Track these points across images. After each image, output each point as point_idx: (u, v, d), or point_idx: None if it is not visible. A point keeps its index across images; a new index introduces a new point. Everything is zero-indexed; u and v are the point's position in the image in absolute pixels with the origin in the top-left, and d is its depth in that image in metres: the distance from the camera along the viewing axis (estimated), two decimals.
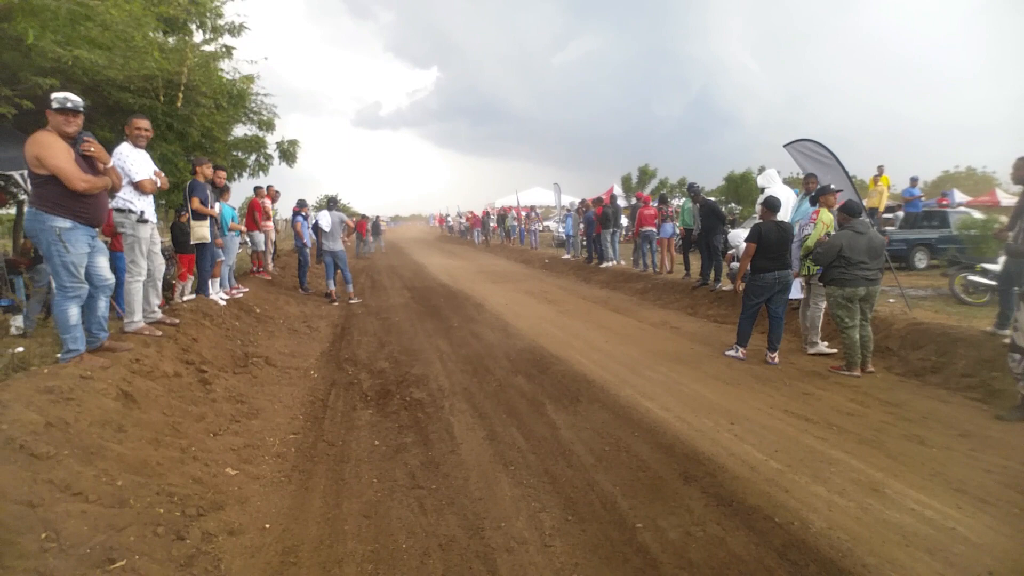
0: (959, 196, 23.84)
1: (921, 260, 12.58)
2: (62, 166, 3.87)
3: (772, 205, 6.22)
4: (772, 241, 6.07)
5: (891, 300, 7.99)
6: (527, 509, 3.26)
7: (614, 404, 4.93)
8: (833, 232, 6.05)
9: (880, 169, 13.67)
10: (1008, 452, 3.92)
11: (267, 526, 3.07)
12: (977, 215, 13.27)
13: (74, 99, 4.01)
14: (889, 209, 14.65)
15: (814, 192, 6.78)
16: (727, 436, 4.23)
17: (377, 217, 29.58)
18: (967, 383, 5.27)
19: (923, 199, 14.90)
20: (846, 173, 7.15)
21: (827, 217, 6.26)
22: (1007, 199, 23.03)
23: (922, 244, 12.69)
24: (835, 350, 6.26)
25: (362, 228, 24.82)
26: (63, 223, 3.96)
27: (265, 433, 4.26)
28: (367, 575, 2.69)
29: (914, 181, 14.66)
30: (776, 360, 6.14)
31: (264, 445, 4.06)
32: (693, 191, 10.73)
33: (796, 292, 6.55)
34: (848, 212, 5.72)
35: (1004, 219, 7.61)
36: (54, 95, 3.98)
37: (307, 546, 2.91)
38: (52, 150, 3.86)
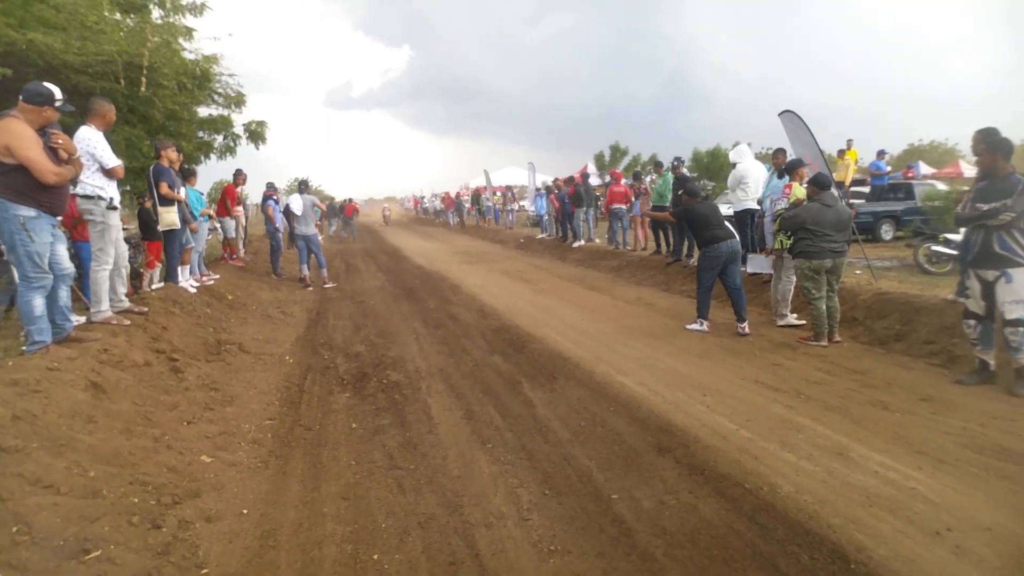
0: (924, 168, 24.35)
1: (887, 232, 12.87)
2: (34, 158, 3.76)
3: (822, 183, 5.97)
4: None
5: (858, 272, 8.18)
6: (504, 485, 3.31)
7: (589, 380, 5.00)
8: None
9: (849, 143, 13.90)
10: (966, 415, 4.08)
11: (245, 511, 3.07)
12: (941, 187, 13.59)
13: (58, 95, 3.99)
14: (856, 182, 14.91)
15: (784, 166, 6.88)
16: (700, 408, 4.32)
17: (349, 200, 27.10)
18: (929, 350, 5.45)
19: (890, 172, 15.18)
20: (818, 146, 7.26)
21: (800, 191, 6.36)
22: (970, 171, 23.60)
23: (888, 216, 12.97)
24: (804, 321, 6.41)
25: (349, 211, 24.49)
26: (27, 212, 3.85)
27: (240, 420, 4.24)
28: (347, 555, 2.71)
29: (881, 154, 14.93)
30: (747, 330, 6.28)
31: (240, 432, 4.04)
32: (677, 163, 10.71)
33: (766, 266, 6.67)
34: (817, 185, 5.82)
35: (966, 190, 7.82)
36: (57, 95, 3.94)
37: (286, 529, 2.92)
38: (24, 140, 3.75)
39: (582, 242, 14.38)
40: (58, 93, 4.02)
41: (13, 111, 3.89)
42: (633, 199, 12.59)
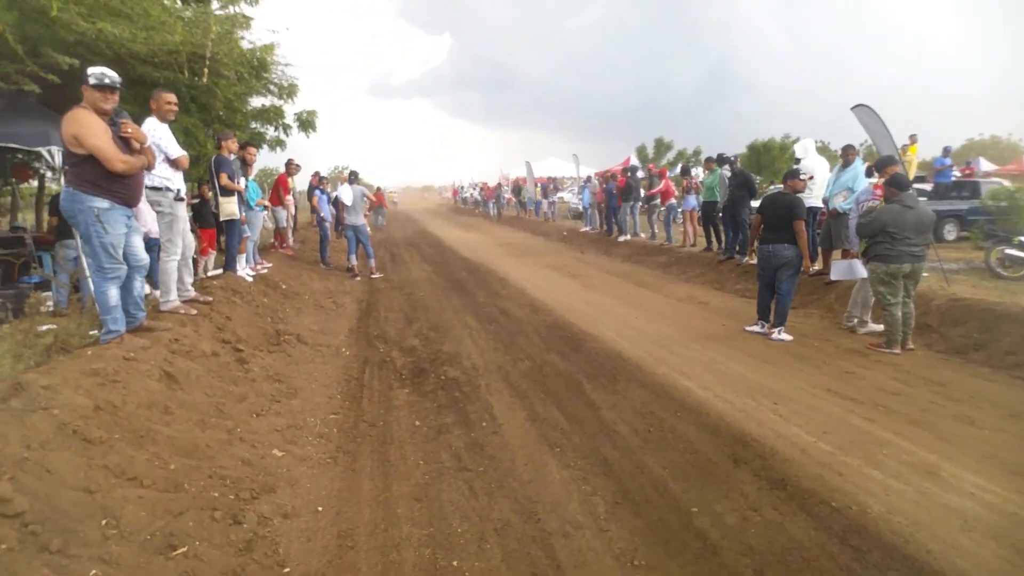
0: (985, 165, 23.24)
1: (950, 232, 12.33)
2: (101, 146, 3.80)
3: (901, 183, 5.63)
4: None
5: (926, 275, 7.80)
6: (578, 492, 3.23)
7: (652, 383, 4.88)
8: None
9: (912, 138, 13.32)
10: None
11: (320, 509, 3.07)
12: (1008, 185, 12.93)
13: (111, 75, 3.92)
14: (918, 179, 14.30)
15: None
16: (772, 417, 4.16)
17: (378, 189, 26.46)
18: (1012, 361, 5.15)
19: (954, 169, 14.51)
20: (892, 142, 6.92)
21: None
22: None
23: (952, 215, 12.42)
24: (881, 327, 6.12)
25: (380, 199, 24.63)
26: (101, 203, 3.90)
27: (306, 413, 4.26)
28: (426, 560, 2.68)
29: (946, 151, 14.28)
30: (781, 337, 6.07)
31: (306, 426, 4.06)
32: (724, 160, 10.49)
33: (850, 273, 6.32)
34: (896, 185, 5.53)
35: None
36: (91, 70, 3.89)
37: (362, 529, 2.90)
38: (91, 129, 3.78)
39: (628, 236, 14.15)
40: (93, 70, 3.93)
41: (83, 102, 3.94)
42: (684, 193, 12.35)
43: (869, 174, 6.53)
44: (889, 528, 2.84)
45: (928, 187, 13.95)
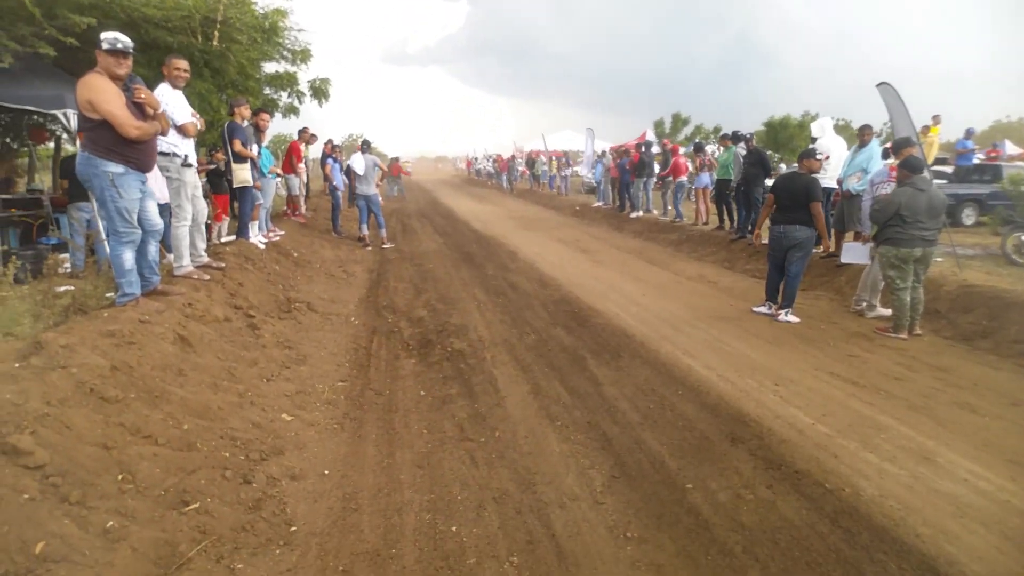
0: (1011, 148, 22.67)
1: (969, 216, 12.13)
2: (115, 112, 3.84)
3: (914, 166, 5.55)
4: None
5: (939, 259, 7.72)
6: (576, 465, 3.32)
7: (655, 360, 4.93)
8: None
9: (935, 119, 13.02)
10: None
11: (326, 472, 3.18)
12: None
13: (124, 40, 3.94)
14: (939, 161, 14.03)
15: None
16: (772, 398, 4.21)
17: (395, 159, 25.92)
18: (1019, 349, 5.13)
19: (976, 151, 14.20)
20: (911, 124, 6.78)
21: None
22: None
23: (971, 199, 12.21)
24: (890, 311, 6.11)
25: (395, 170, 24.55)
26: (116, 168, 3.96)
27: (314, 380, 4.37)
28: (426, 524, 2.78)
29: (969, 133, 13.95)
30: (788, 319, 6.08)
31: (315, 392, 4.17)
32: (739, 138, 10.37)
33: (863, 256, 6.28)
34: (909, 168, 5.45)
35: None
36: (104, 35, 3.91)
37: (366, 493, 3.01)
38: (105, 95, 3.82)
39: (640, 213, 14.07)
40: (106, 35, 3.95)
41: (97, 67, 3.96)
42: (697, 170, 12.23)
43: (886, 156, 6.42)
44: (880, 511, 2.90)
45: (949, 169, 13.69)
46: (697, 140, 19.03)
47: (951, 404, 4.15)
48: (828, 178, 7.65)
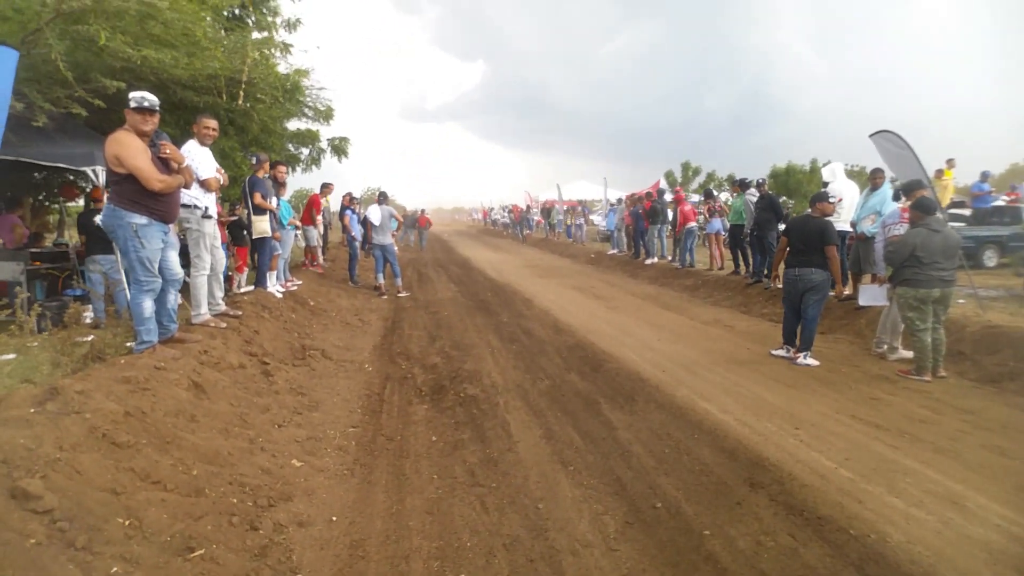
0: None
1: (991, 258, 11.98)
2: (141, 166, 4.01)
3: (927, 207, 5.53)
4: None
5: (961, 300, 7.60)
6: (589, 511, 3.23)
7: (671, 404, 4.84)
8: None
9: (950, 163, 13.04)
10: None
11: (334, 519, 3.13)
12: None
13: (151, 98, 4.15)
14: (956, 204, 13.96)
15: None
16: (792, 442, 4.09)
17: (422, 211, 27.30)
18: None
19: (993, 194, 14.13)
20: (921, 168, 6.80)
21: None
22: None
23: (992, 241, 12.08)
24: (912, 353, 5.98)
25: (423, 222, 25.13)
26: (139, 219, 4.10)
27: (326, 426, 4.35)
28: (434, 572, 2.71)
29: (984, 176, 13.93)
30: (806, 362, 5.97)
31: (326, 437, 4.14)
32: (746, 185, 10.47)
33: (881, 298, 6.21)
34: (921, 210, 5.44)
35: None
36: (132, 94, 4.12)
37: (374, 540, 2.95)
38: (131, 150, 4.00)
39: (655, 259, 14.09)
40: (134, 94, 4.16)
41: (126, 125, 4.16)
42: (708, 216, 12.29)
43: (896, 197, 6.42)
44: (909, 558, 2.77)
45: (967, 212, 13.61)
46: (708, 188, 19.20)
47: (980, 447, 4.00)
48: (842, 221, 7.64)
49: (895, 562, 2.74)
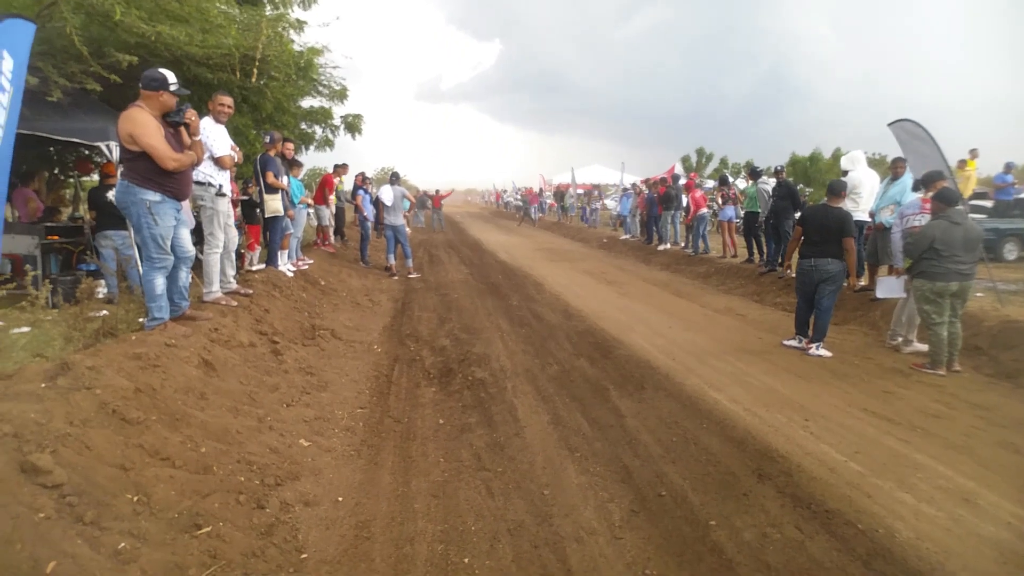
0: None
1: (1011, 252, 11.74)
2: (155, 144, 4.00)
3: (948, 198, 5.39)
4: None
5: (979, 294, 7.46)
6: (595, 499, 3.22)
7: (680, 393, 4.81)
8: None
9: (973, 153, 12.76)
10: None
11: (340, 499, 3.15)
12: None
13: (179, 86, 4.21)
14: (978, 195, 13.68)
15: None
16: (802, 433, 4.05)
17: (437, 192, 26.67)
18: None
19: (1017, 186, 13.82)
20: (943, 157, 6.64)
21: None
22: None
23: (1013, 234, 11.83)
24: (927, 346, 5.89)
25: (437, 202, 25.18)
26: (153, 196, 4.10)
27: (334, 406, 4.37)
28: (438, 555, 2.72)
29: (1008, 167, 13.61)
30: (818, 353, 5.90)
31: (334, 418, 4.16)
32: (758, 173, 10.32)
33: (898, 290, 6.10)
34: (943, 201, 5.31)
35: None
36: (171, 79, 4.14)
37: (379, 522, 2.96)
38: (146, 129, 3.99)
39: (667, 245, 13.98)
40: (171, 77, 4.22)
41: (138, 102, 4.15)
42: (721, 204, 12.13)
43: (916, 188, 6.28)
44: (916, 554, 2.74)
45: (989, 204, 13.34)
46: (723, 174, 18.96)
47: (993, 444, 3.94)
48: (860, 211, 7.51)
49: (902, 558, 2.71)
